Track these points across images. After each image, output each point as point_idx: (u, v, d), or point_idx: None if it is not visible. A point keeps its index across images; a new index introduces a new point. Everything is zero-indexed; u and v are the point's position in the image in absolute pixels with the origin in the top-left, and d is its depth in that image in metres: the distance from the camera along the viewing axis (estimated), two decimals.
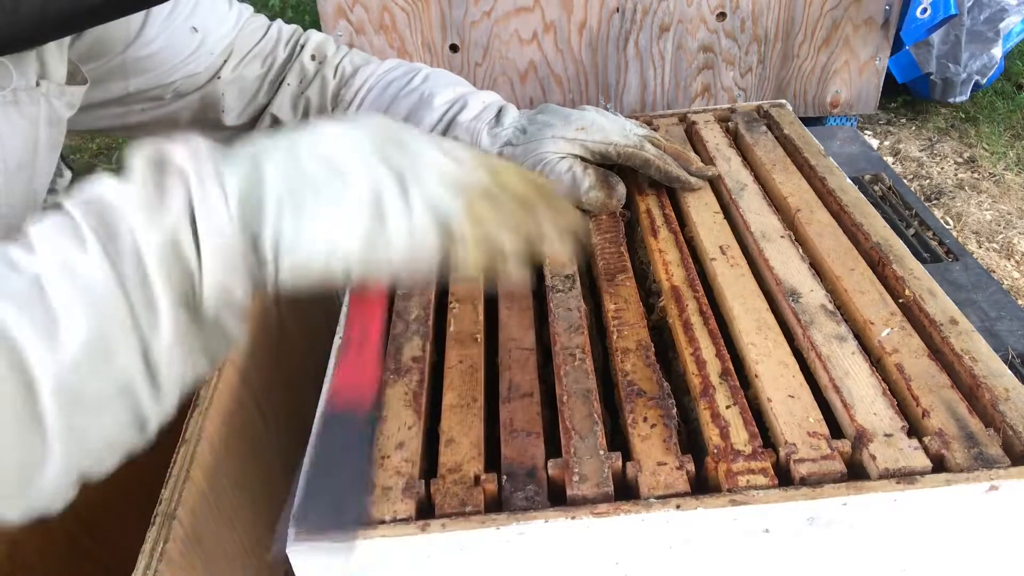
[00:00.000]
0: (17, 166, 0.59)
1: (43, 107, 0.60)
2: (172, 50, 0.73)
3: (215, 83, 0.78)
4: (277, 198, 0.41)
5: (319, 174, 0.42)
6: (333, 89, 0.82)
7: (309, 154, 0.43)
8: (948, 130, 2.80)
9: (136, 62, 0.71)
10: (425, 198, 0.43)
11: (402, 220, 0.43)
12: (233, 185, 0.41)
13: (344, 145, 0.44)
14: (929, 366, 0.59)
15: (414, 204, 0.43)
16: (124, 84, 0.72)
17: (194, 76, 0.76)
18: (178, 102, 0.77)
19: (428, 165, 0.44)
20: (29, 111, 0.59)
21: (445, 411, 0.59)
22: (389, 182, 0.43)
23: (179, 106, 0.77)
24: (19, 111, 0.58)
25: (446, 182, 0.44)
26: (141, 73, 0.72)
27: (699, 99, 1.62)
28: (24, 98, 0.58)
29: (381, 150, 0.44)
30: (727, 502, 0.49)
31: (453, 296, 0.71)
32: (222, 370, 0.65)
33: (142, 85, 0.73)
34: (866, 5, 1.50)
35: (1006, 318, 1.09)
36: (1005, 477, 0.50)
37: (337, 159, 0.43)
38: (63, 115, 0.63)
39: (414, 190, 0.43)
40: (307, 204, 0.42)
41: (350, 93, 0.82)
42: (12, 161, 0.58)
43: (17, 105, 0.57)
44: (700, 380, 0.60)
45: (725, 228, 0.77)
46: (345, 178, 0.42)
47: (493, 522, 0.49)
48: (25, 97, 0.58)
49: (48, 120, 0.61)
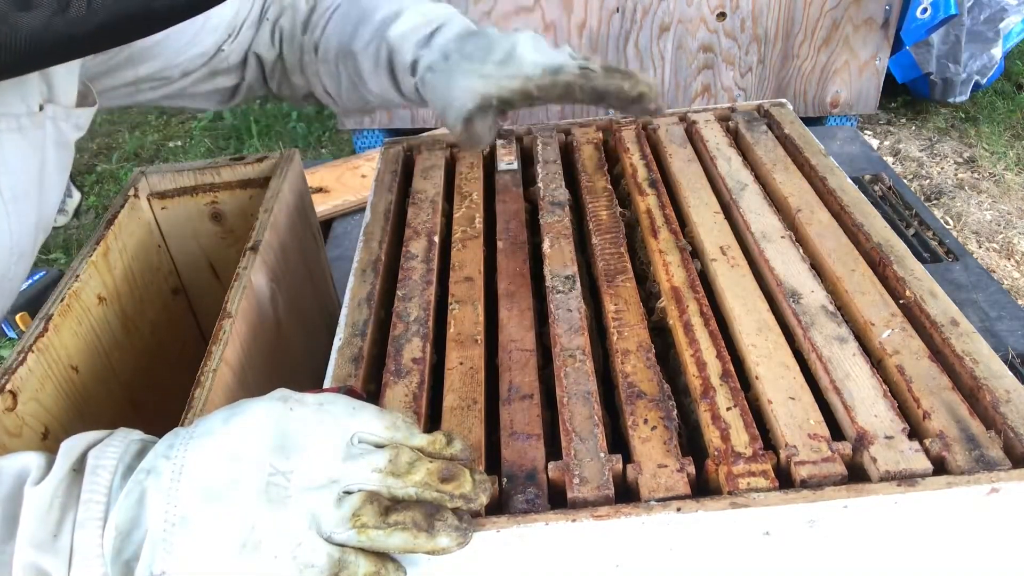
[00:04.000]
0: (23, 192, 0.59)
1: (49, 131, 0.60)
2: (177, 34, 0.73)
3: (219, 56, 0.78)
4: (152, 540, 0.42)
5: (196, 507, 0.42)
6: (304, 14, 0.81)
7: (193, 480, 0.43)
8: (948, 130, 2.80)
9: (143, 51, 0.71)
10: (296, 545, 0.43)
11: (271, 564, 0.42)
12: (115, 517, 0.43)
13: (225, 471, 0.43)
14: (930, 368, 0.59)
15: (283, 552, 0.42)
16: (133, 72, 0.73)
17: (201, 54, 0.76)
18: (185, 79, 0.78)
19: (315, 480, 0.44)
20: (34, 136, 0.58)
21: (445, 413, 0.59)
22: (263, 522, 0.42)
23: (187, 82, 0.78)
24: (23, 136, 0.57)
25: (331, 500, 0.44)
26: (149, 60, 0.73)
27: (699, 99, 1.62)
28: (28, 123, 0.57)
29: (265, 472, 0.43)
30: (727, 504, 0.49)
31: (453, 297, 0.71)
32: (217, 371, 0.65)
33: (151, 70, 0.74)
34: (866, 5, 1.50)
35: (1006, 318, 1.09)
36: (1006, 479, 0.50)
37: (216, 487, 0.43)
38: (71, 138, 0.63)
39: (287, 536, 0.43)
40: (179, 543, 0.42)
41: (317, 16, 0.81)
42: (19, 187, 0.58)
43: (21, 131, 0.57)
44: (700, 382, 0.60)
45: (725, 228, 0.77)
46: (221, 509, 0.42)
47: (493, 524, 0.49)
48: (28, 123, 0.58)
49: (55, 143, 0.61)
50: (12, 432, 0.65)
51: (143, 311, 0.90)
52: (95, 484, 0.43)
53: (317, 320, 1.00)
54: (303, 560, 0.42)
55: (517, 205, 0.85)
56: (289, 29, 0.81)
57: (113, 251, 0.85)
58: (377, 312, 0.71)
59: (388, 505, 0.44)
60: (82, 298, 0.78)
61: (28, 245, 0.62)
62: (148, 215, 0.95)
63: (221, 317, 0.70)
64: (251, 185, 0.96)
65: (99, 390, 0.79)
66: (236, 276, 0.76)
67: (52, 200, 0.63)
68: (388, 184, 0.90)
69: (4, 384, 0.64)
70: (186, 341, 1.01)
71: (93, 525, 0.43)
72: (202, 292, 1.02)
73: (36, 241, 0.64)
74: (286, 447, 0.44)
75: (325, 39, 0.80)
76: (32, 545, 0.42)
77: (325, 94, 0.83)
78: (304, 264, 0.96)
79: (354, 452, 0.45)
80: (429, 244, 0.79)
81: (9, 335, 2.13)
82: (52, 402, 0.71)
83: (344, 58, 0.78)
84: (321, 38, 0.80)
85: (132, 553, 0.42)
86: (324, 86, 0.82)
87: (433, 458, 0.47)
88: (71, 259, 2.06)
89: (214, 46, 0.77)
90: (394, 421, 0.47)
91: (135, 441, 0.46)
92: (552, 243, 0.77)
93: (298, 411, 0.46)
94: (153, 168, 0.95)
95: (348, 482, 0.44)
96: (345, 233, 1.48)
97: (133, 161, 3.11)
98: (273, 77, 0.84)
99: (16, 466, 0.45)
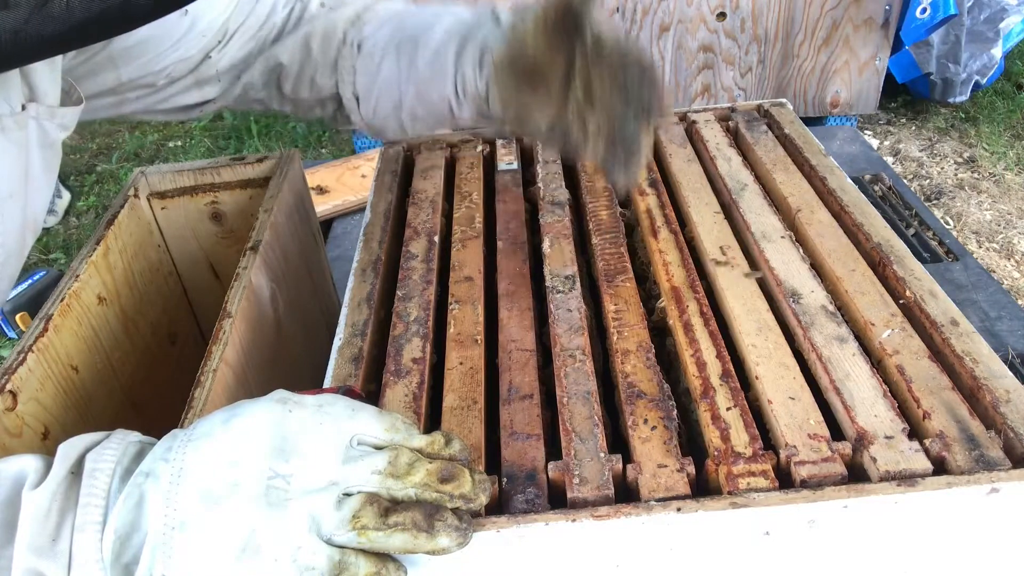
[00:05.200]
0: (8, 193, 0.58)
1: (33, 131, 0.59)
2: (161, 35, 0.71)
3: (207, 63, 0.76)
4: (151, 544, 0.42)
5: (195, 511, 0.42)
6: (353, 13, 0.79)
7: (191, 485, 0.43)
8: (948, 130, 2.80)
9: (124, 51, 0.70)
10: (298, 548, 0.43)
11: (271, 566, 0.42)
12: (113, 521, 0.43)
13: (224, 475, 0.43)
14: (930, 368, 0.59)
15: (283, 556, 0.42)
16: (116, 74, 0.71)
17: (186, 60, 0.74)
18: (172, 87, 0.76)
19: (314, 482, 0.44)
20: (17, 136, 0.58)
21: (445, 413, 0.59)
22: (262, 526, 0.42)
23: (173, 90, 0.76)
24: (6, 136, 0.57)
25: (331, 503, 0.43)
26: (131, 61, 0.71)
27: (699, 99, 1.62)
28: (11, 124, 0.57)
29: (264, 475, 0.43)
30: (727, 504, 0.49)
31: (453, 297, 0.71)
32: (217, 371, 0.65)
33: (133, 74, 0.72)
34: (866, 5, 1.50)
35: (1006, 318, 1.09)
36: (1006, 479, 0.50)
37: (215, 490, 0.43)
38: (56, 137, 0.62)
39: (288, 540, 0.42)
40: (179, 547, 0.42)
41: (371, 15, 0.79)
42: (3, 188, 0.57)
43: (4, 132, 0.56)
44: (700, 382, 0.60)
45: (725, 228, 0.77)
46: (220, 513, 0.42)
47: (493, 524, 0.49)
48: (11, 123, 0.57)
49: (40, 143, 0.60)
50: (12, 432, 0.65)
51: (143, 311, 0.90)
52: (93, 487, 0.43)
53: (317, 320, 1.00)
54: (303, 563, 0.42)
55: (517, 205, 0.85)
56: (324, 28, 0.79)
57: (113, 251, 0.85)
58: (377, 312, 0.71)
59: (388, 506, 0.44)
60: (82, 298, 0.78)
61: (15, 246, 0.62)
62: (148, 215, 0.95)
63: (221, 317, 0.70)
64: (251, 185, 0.95)
65: (99, 390, 0.79)
66: (236, 276, 0.76)
67: (39, 201, 0.63)
68: (388, 184, 0.90)
69: (4, 384, 0.64)
70: (186, 341, 1.01)
71: (92, 529, 0.42)
72: (202, 292, 1.02)
73: (24, 242, 0.63)
74: (285, 450, 0.44)
75: (377, 35, 0.78)
76: (31, 550, 0.42)
77: (352, 97, 0.81)
78: (304, 264, 0.96)
79: (353, 454, 0.45)
80: (429, 244, 0.79)
81: (9, 335, 2.12)
82: (52, 402, 0.71)
83: (401, 45, 0.75)
84: (371, 35, 0.78)
85: (131, 557, 0.42)
86: (355, 86, 0.80)
87: (432, 459, 0.47)
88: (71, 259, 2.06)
89: (201, 52, 0.75)
90: (393, 423, 0.47)
91: (133, 443, 0.46)
92: (552, 243, 0.77)
93: (297, 413, 0.46)
94: (153, 168, 0.95)
95: (348, 484, 0.44)
96: (345, 233, 1.48)
97: (133, 161, 3.11)
98: (288, 78, 0.81)
99: (14, 469, 0.45)
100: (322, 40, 0.79)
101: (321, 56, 0.79)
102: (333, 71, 0.80)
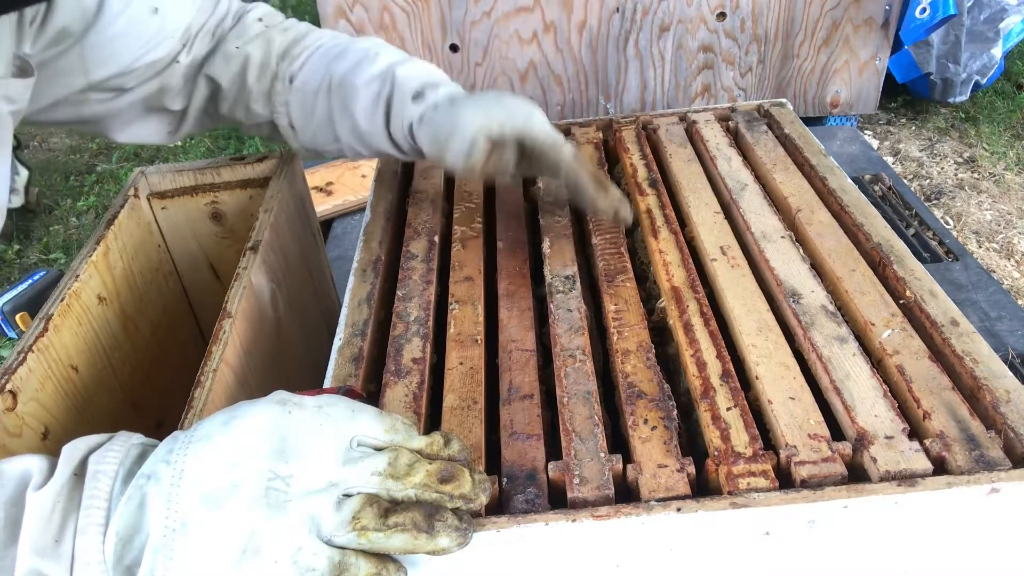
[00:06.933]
0: None
1: None
2: (133, 34, 0.70)
3: (173, 68, 0.76)
4: (153, 546, 0.42)
5: (196, 513, 0.42)
6: (282, 46, 0.80)
7: (192, 487, 0.43)
8: (948, 130, 2.80)
9: (96, 49, 0.68)
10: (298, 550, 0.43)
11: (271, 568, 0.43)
12: (115, 523, 0.43)
13: (225, 477, 0.43)
14: (930, 368, 0.59)
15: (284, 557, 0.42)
16: (85, 78, 0.70)
17: (154, 63, 0.73)
18: (137, 90, 0.75)
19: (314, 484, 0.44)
20: None
21: (445, 413, 0.59)
22: (263, 527, 0.42)
23: (138, 95, 0.75)
24: None
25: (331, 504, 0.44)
26: (102, 63, 0.70)
27: (699, 99, 1.62)
28: None
29: (264, 477, 0.43)
30: (728, 505, 0.49)
31: (453, 297, 0.71)
32: (217, 371, 0.65)
33: (103, 74, 0.70)
34: (866, 5, 1.50)
35: (1006, 318, 1.09)
36: (1006, 479, 0.50)
37: (215, 492, 0.43)
38: (3, 110, 0.60)
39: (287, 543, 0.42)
40: (180, 549, 0.42)
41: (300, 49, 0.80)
42: None
43: None
44: (700, 382, 0.60)
45: (726, 228, 0.77)
46: (221, 515, 0.42)
47: (493, 524, 0.49)
48: None
49: None
50: (12, 432, 0.65)
51: (143, 311, 0.90)
52: (96, 489, 0.44)
53: (317, 320, 1.00)
54: (304, 564, 0.42)
55: (517, 205, 0.85)
56: (261, 58, 0.79)
57: (113, 251, 0.85)
58: (377, 312, 0.71)
59: (388, 507, 0.44)
60: (82, 298, 0.78)
61: None
62: (148, 215, 0.95)
63: (221, 317, 0.70)
64: (251, 185, 0.95)
65: (99, 390, 0.79)
66: (236, 276, 0.76)
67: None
68: (388, 184, 0.90)
69: (4, 384, 0.64)
70: (186, 341, 1.01)
71: (94, 531, 0.43)
72: (202, 292, 1.02)
73: None
74: (285, 451, 0.44)
75: (307, 71, 0.79)
76: (34, 551, 0.42)
77: (288, 127, 0.82)
78: (304, 264, 0.96)
79: (353, 456, 0.45)
80: (429, 244, 0.79)
81: (9, 335, 2.12)
82: (52, 402, 0.71)
83: (332, 91, 0.77)
84: (301, 70, 0.79)
85: (133, 559, 0.42)
86: (290, 117, 0.81)
87: (432, 459, 0.47)
88: (71, 259, 2.06)
89: (168, 55, 0.74)
90: (393, 424, 0.47)
91: (135, 445, 0.46)
92: (552, 243, 0.77)
93: (297, 414, 0.46)
94: (153, 168, 0.95)
95: (347, 485, 0.44)
96: (345, 233, 1.48)
97: (133, 161, 3.11)
98: (226, 100, 0.81)
99: (18, 470, 0.45)
100: (258, 71, 0.79)
101: (256, 85, 0.80)
102: (268, 101, 0.81)
